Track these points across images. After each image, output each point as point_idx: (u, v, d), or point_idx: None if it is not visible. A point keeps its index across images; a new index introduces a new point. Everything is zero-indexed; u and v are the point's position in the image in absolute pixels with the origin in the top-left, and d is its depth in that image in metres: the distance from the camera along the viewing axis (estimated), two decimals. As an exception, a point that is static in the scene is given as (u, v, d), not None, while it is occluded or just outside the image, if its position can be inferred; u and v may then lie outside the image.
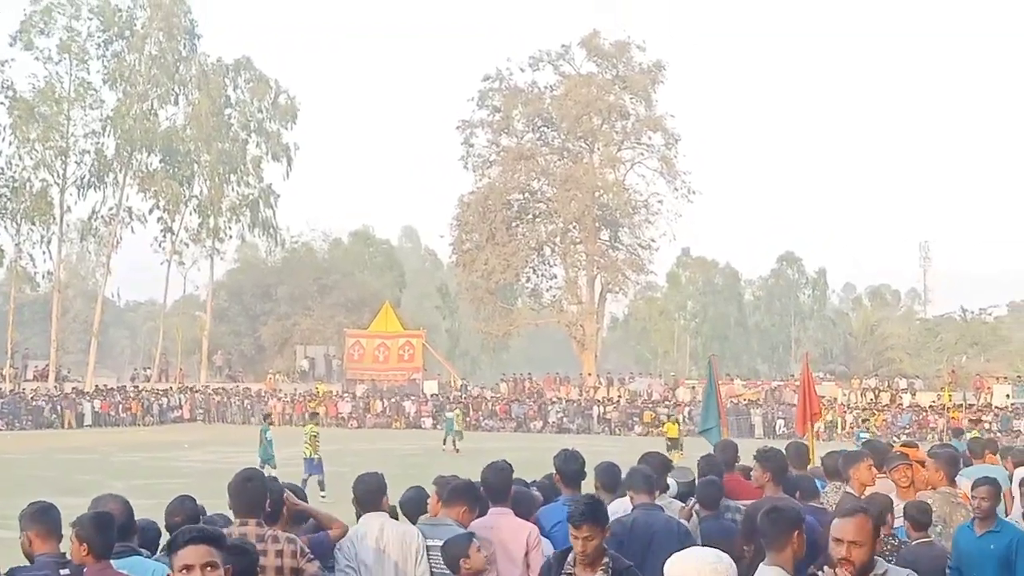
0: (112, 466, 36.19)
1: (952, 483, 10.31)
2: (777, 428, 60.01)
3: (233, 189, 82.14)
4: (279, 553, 6.79)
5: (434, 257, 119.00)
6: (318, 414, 39.24)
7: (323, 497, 24.22)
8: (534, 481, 9.89)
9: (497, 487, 8.44)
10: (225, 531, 6.14)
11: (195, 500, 8.11)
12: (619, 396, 69.78)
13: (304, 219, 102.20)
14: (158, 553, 7.42)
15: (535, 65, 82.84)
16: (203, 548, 4.82)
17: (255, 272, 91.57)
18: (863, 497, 9.88)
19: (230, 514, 7.15)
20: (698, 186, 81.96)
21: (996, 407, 61.73)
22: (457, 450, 43.81)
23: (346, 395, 69.75)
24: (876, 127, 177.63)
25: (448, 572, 7.62)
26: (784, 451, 10.57)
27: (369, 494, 8.18)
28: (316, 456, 28.56)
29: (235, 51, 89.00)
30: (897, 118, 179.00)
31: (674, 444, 40.12)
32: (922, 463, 10.80)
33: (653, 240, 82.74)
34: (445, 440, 46.31)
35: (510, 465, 8.64)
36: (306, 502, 8.32)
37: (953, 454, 11.09)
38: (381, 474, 8.34)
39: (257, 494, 7.11)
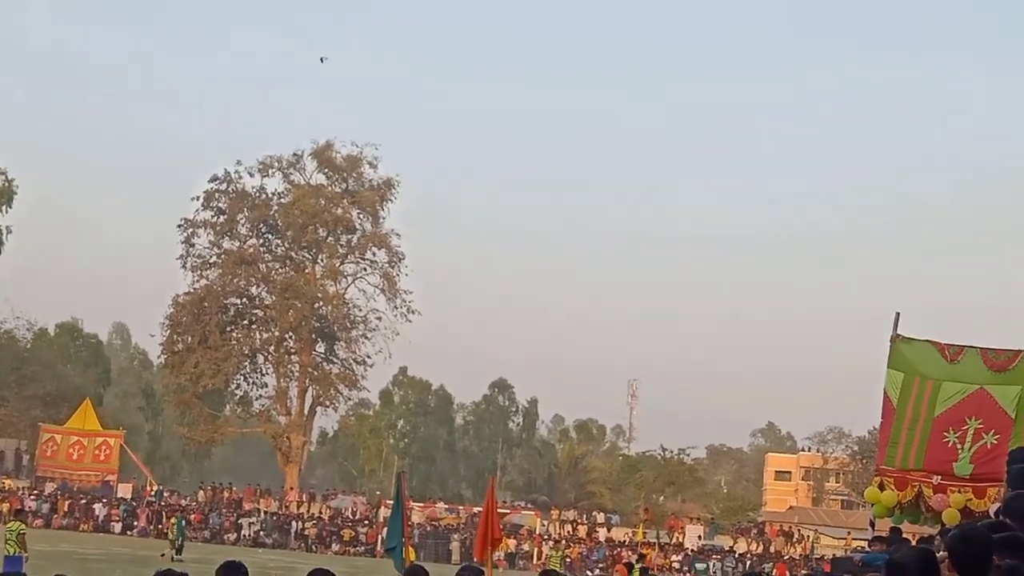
0: None
1: None
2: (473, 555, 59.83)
3: (-67, 269, 78.23)
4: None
5: (144, 356, 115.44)
6: (23, 510, 37.14)
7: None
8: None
9: None
10: None
11: None
12: (320, 512, 68.54)
13: (8, 306, 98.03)
14: None
15: (264, 171, 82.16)
16: None
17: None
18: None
19: None
20: (418, 306, 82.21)
21: (688, 548, 63.26)
22: (172, 559, 41.94)
23: (34, 493, 66.19)
24: (592, 263, 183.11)
25: None
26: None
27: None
28: (25, 554, 27.70)
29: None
30: (610, 254, 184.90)
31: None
32: None
33: (369, 356, 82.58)
34: (171, 547, 44.40)
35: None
36: None
37: None
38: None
39: None
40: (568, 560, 59.82)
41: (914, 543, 18.14)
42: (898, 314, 17.87)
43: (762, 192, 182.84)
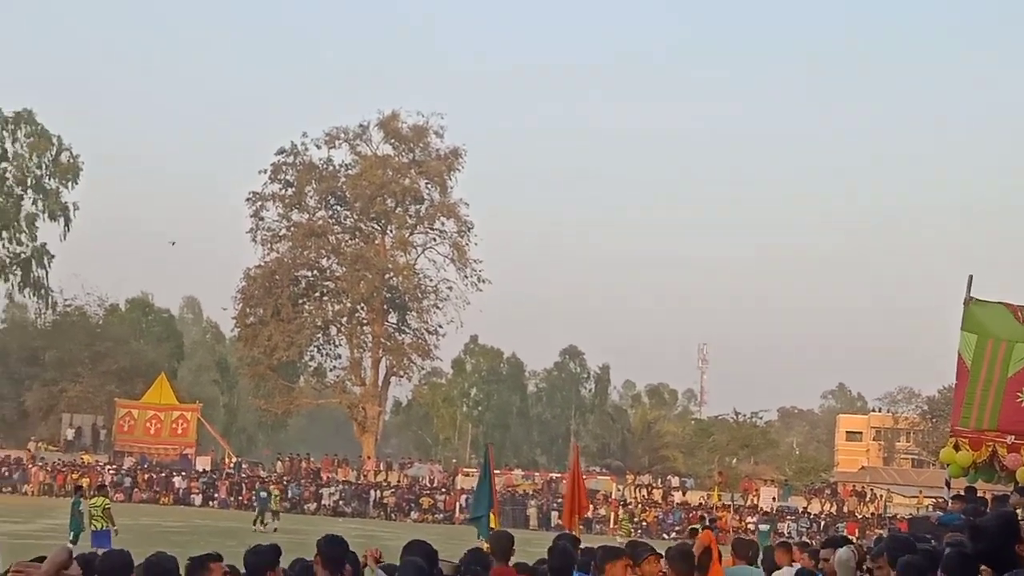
0: None
1: None
2: (552, 520, 60.23)
3: (4, 246, 79.55)
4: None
5: (216, 330, 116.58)
6: (105, 486, 38.03)
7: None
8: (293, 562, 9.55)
9: (259, 568, 8.30)
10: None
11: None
12: (398, 481, 69.25)
13: (79, 282, 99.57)
14: None
15: (331, 143, 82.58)
16: None
17: (22, 334, 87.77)
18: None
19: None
20: (489, 275, 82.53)
21: (762, 509, 63.34)
22: (275, 529, 42.76)
23: (113, 467, 67.34)
24: (659, 229, 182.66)
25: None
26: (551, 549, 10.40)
27: (112, 573, 7.83)
28: (114, 527, 28.41)
29: (15, 103, 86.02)
30: (680, 218, 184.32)
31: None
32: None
33: (440, 326, 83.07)
34: (256, 520, 45.31)
35: (279, 549, 8.50)
36: None
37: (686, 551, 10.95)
38: (127, 551, 7.99)
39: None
40: (644, 524, 60.15)
41: (989, 501, 18.24)
42: (971, 277, 17.89)
43: (833, 161, 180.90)
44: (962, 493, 18.12)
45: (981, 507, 17.03)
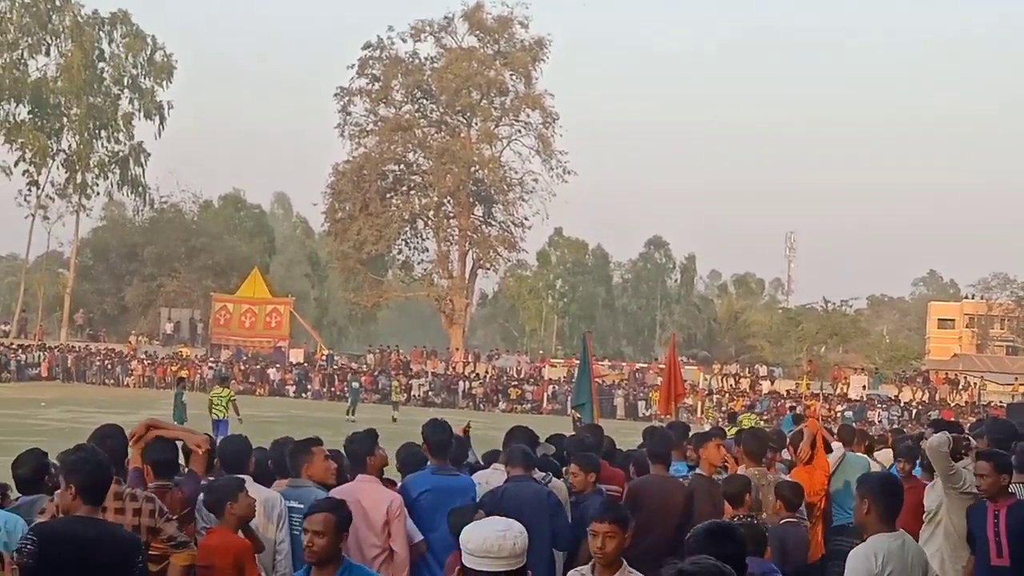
0: (-36, 422, 35.27)
1: (759, 463, 10.32)
2: (639, 409, 60.64)
3: (103, 145, 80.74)
4: (136, 512, 6.67)
5: (305, 225, 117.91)
6: (228, 377, 38.95)
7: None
8: (399, 451, 9.84)
9: (359, 455, 8.58)
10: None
11: (46, 453, 7.90)
12: (486, 372, 69.93)
13: (174, 180, 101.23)
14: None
15: (417, 36, 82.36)
16: None
17: (121, 231, 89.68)
18: (714, 477, 10.01)
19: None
20: (573, 166, 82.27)
21: (851, 398, 63.23)
22: (394, 419, 43.63)
23: (211, 360, 68.71)
24: (747, 117, 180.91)
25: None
26: (650, 433, 10.63)
27: (234, 456, 8.18)
28: (239, 417, 29.67)
29: (111, 3, 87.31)
30: (770, 109, 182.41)
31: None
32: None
33: (526, 218, 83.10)
34: (349, 410, 46.18)
35: (375, 433, 8.78)
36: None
37: (762, 435, 11.11)
38: (246, 437, 8.33)
39: (115, 452, 6.98)
40: (731, 412, 60.30)
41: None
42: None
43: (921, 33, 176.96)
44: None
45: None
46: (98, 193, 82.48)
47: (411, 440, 9.64)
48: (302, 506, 7.72)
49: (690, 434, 12.33)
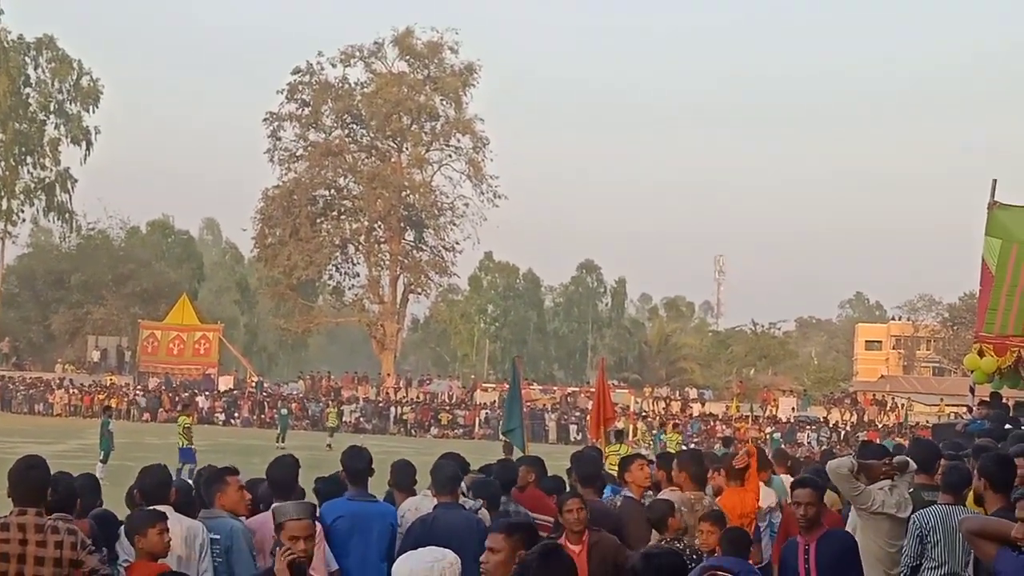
0: None
1: (701, 487, 10.00)
2: (571, 433, 60.66)
3: (28, 171, 79.81)
4: (58, 544, 6.56)
5: (235, 250, 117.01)
6: (190, 404, 38.63)
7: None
8: (320, 478, 9.73)
9: (282, 482, 8.60)
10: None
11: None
12: (417, 397, 69.72)
13: (101, 206, 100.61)
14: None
15: (346, 61, 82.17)
16: None
17: (48, 258, 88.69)
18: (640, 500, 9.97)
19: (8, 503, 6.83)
20: (504, 190, 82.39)
21: (780, 419, 63.67)
22: (329, 446, 43.22)
23: (139, 388, 67.96)
24: (678, 141, 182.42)
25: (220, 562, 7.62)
26: (578, 457, 10.65)
27: (155, 487, 8.04)
28: (192, 446, 29.81)
29: (37, 29, 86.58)
30: (696, 131, 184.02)
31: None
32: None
33: (457, 243, 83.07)
34: (279, 437, 45.85)
35: (296, 461, 8.82)
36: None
37: (701, 457, 10.98)
38: (166, 466, 8.21)
39: (39, 482, 6.84)
40: (617, 430, 60.21)
41: (1011, 407, 18.33)
42: (995, 181, 17.86)
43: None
44: (987, 399, 18.23)
45: (1005, 413, 17.15)
46: (24, 220, 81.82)
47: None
48: (219, 536, 7.74)
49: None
